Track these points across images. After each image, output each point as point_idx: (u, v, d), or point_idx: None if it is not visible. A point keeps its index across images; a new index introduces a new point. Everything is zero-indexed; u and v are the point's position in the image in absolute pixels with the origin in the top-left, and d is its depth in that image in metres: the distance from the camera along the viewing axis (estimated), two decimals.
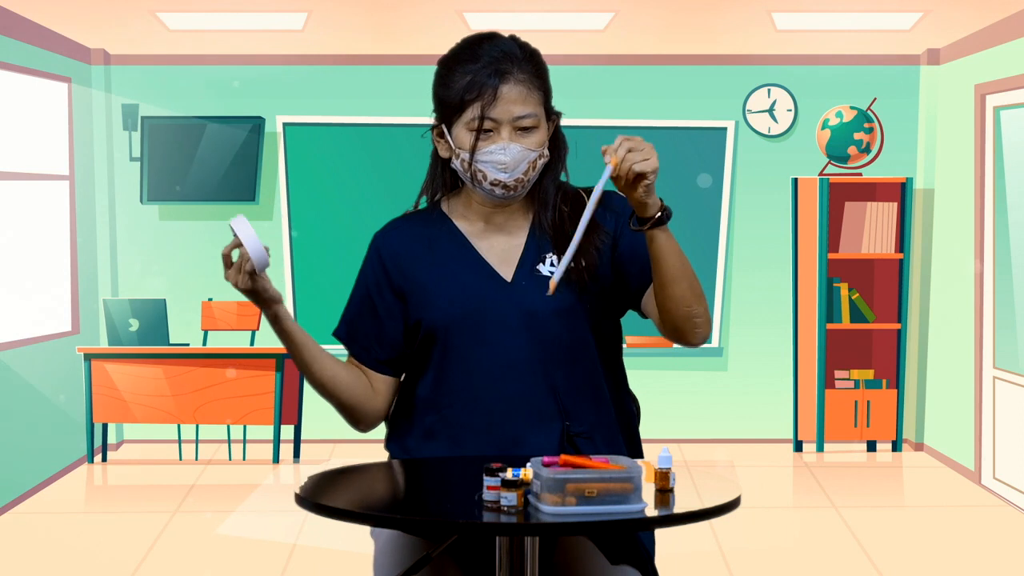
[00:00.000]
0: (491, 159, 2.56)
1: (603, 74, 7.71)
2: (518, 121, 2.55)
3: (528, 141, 2.57)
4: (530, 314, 2.61)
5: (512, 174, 2.57)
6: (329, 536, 5.60)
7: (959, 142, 7.21)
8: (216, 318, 7.38)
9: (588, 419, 2.66)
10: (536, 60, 2.61)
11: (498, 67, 2.54)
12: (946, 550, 5.63)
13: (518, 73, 2.55)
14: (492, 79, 2.53)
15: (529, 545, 2.35)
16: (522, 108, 2.55)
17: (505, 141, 2.55)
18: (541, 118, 2.59)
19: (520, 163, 2.56)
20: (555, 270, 2.62)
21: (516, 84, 2.55)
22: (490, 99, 2.53)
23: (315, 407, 7.62)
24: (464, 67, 2.56)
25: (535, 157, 2.58)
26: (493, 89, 2.53)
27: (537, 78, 2.59)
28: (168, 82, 7.71)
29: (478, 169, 2.57)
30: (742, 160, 7.81)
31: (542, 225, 2.66)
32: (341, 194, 7.68)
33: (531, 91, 2.57)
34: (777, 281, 7.82)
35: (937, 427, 7.61)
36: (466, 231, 2.68)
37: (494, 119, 2.54)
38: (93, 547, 5.72)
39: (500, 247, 2.68)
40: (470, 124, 2.55)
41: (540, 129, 2.59)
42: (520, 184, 2.59)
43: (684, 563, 5.22)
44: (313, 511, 2.28)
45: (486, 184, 2.58)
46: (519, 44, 2.61)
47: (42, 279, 7.12)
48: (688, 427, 7.85)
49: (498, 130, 2.55)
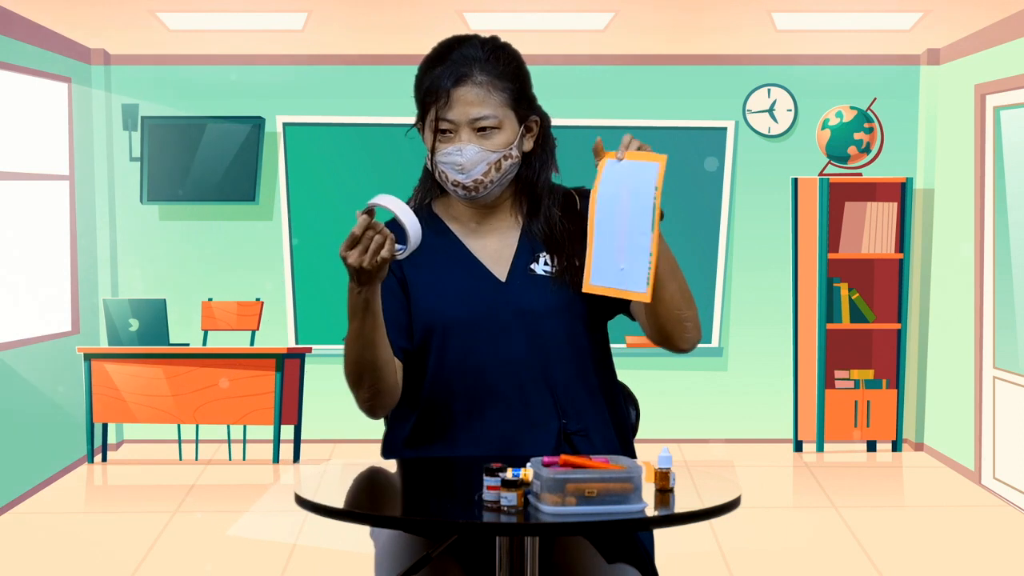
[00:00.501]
0: (448, 160, 2.59)
1: (603, 74, 7.71)
2: (476, 122, 2.58)
3: (488, 143, 2.59)
4: (526, 313, 2.63)
5: (469, 175, 2.59)
6: (329, 536, 5.60)
7: (959, 142, 7.21)
8: (216, 318, 7.38)
9: (584, 417, 2.67)
10: (504, 62, 2.61)
11: (457, 70, 2.58)
12: (946, 550, 5.63)
13: (478, 75, 2.58)
14: (447, 81, 2.58)
15: (529, 545, 2.35)
16: (479, 110, 2.57)
17: (463, 143, 2.58)
18: (505, 119, 2.60)
19: (477, 164, 2.58)
20: (548, 269, 2.63)
21: (474, 86, 2.57)
22: (444, 101, 2.58)
23: (315, 407, 7.62)
24: (430, 70, 2.62)
25: (496, 158, 2.60)
26: (447, 92, 2.57)
27: (501, 79, 2.60)
28: (168, 82, 7.71)
29: (440, 170, 2.61)
30: (742, 160, 7.81)
31: (533, 226, 2.67)
32: (341, 194, 7.68)
33: (492, 92, 2.58)
34: (777, 281, 7.82)
35: (937, 427, 7.61)
36: (458, 232, 2.70)
37: (451, 120, 2.58)
38: (93, 547, 5.72)
39: (492, 247, 2.69)
40: (431, 125, 2.61)
41: (504, 130, 2.60)
42: (480, 185, 2.60)
43: (684, 563, 5.21)
44: (313, 511, 2.28)
45: (448, 185, 2.62)
46: (488, 47, 2.62)
47: (42, 279, 7.12)
48: (688, 427, 7.85)
49: (457, 132, 2.59)
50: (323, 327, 7.74)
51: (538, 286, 2.64)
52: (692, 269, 7.69)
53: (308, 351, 7.38)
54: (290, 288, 7.76)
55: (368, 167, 7.66)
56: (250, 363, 7.14)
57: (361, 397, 2.60)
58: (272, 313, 7.68)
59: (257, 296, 7.65)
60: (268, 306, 7.61)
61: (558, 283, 2.64)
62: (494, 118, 2.58)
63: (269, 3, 6.40)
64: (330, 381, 7.75)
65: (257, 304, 7.37)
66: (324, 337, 7.72)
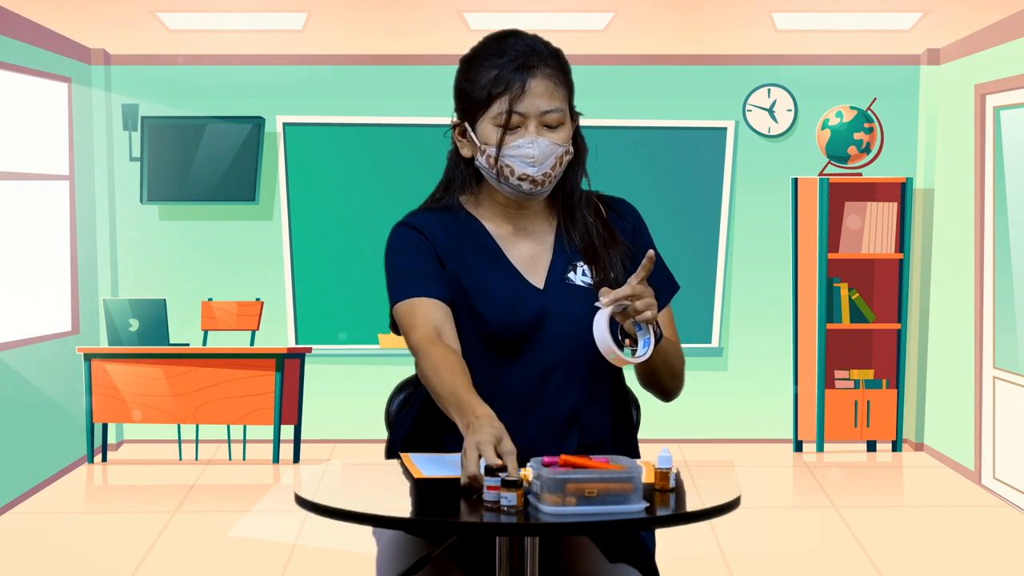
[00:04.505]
0: (519, 153, 2.53)
1: (603, 74, 7.71)
2: (545, 116, 2.54)
3: (555, 136, 2.55)
4: (561, 323, 2.59)
5: (540, 168, 2.54)
6: (329, 536, 5.60)
7: (959, 142, 7.21)
8: (216, 318, 7.38)
9: (600, 431, 2.65)
10: (560, 58, 2.59)
11: (525, 61, 2.53)
12: (946, 550, 5.63)
13: (544, 68, 2.54)
14: (519, 73, 2.52)
15: (529, 545, 2.35)
16: (549, 103, 2.54)
17: (533, 135, 2.53)
18: (566, 114, 2.57)
19: (548, 157, 2.54)
20: (587, 280, 2.62)
21: (543, 79, 2.53)
22: (518, 92, 2.52)
23: (315, 407, 7.62)
24: (490, 62, 2.54)
25: (562, 152, 2.57)
26: (521, 83, 2.52)
27: (562, 72, 2.57)
28: (168, 82, 7.71)
29: (505, 164, 2.55)
30: (742, 160, 7.81)
31: (569, 234, 2.64)
32: (341, 194, 7.68)
33: (557, 87, 2.55)
34: (777, 281, 7.82)
35: (937, 427, 7.61)
36: (495, 234, 2.65)
37: (521, 113, 2.53)
38: (93, 547, 5.72)
39: (527, 252, 2.64)
40: (496, 119, 2.54)
41: (566, 126, 2.57)
42: (548, 179, 2.56)
43: (684, 563, 5.21)
44: (313, 511, 2.28)
45: (513, 179, 2.55)
46: (543, 41, 2.60)
47: (42, 279, 7.12)
48: (688, 427, 7.85)
49: (525, 125, 2.53)
50: (323, 327, 7.74)
51: (577, 295, 2.60)
52: (692, 269, 7.69)
53: (308, 351, 7.38)
54: (290, 288, 7.75)
55: (368, 167, 7.66)
56: (250, 363, 7.14)
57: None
58: (272, 313, 7.68)
59: (257, 296, 7.65)
60: (268, 306, 7.61)
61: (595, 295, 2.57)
62: (561, 112, 2.55)
63: (269, 3, 6.40)
64: (330, 381, 7.76)
65: (257, 304, 7.37)
66: (324, 337, 7.72)
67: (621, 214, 2.71)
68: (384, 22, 6.79)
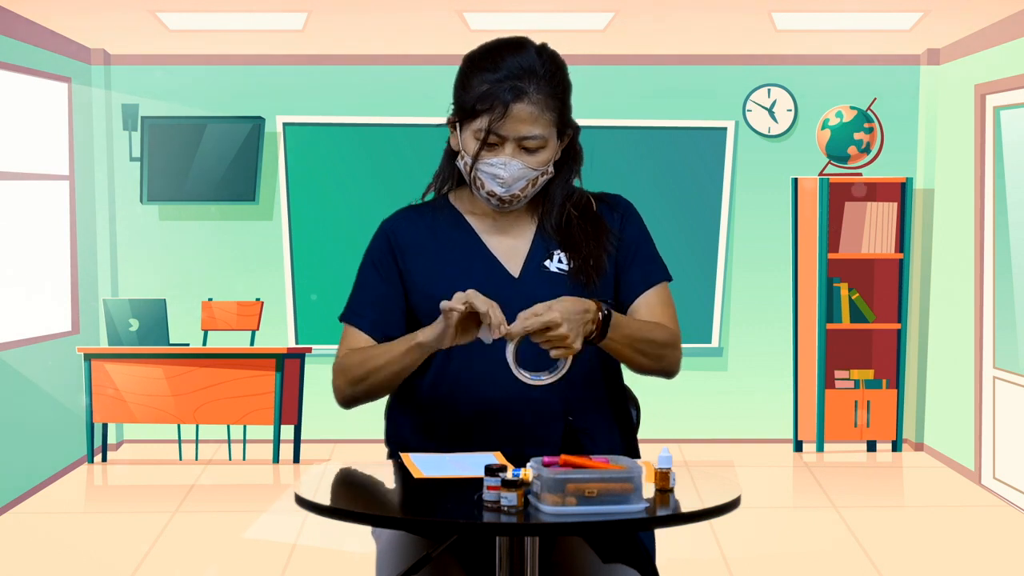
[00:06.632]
0: (490, 171, 2.58)
1: (603, 74, 7.71)
2: (524, 141, 2.56)
3: (531, 160, 2.58)
4: None
5: (508, 190, 2.60)
6: (329, 536, 5.60)
7: (959, 142, 7.21)
8: (216, 318, 7.38)
9: (588, 416, 2.67)
10: (557, 77, 2.59)
11: (515, 84, 2.54)
12: (946, 550, 5.63)
13: (535, 93, 2.55)
14: (506, 95, 2.54)
15: (529, 545, 2.35)
16: (530, 129, 2.56)
17: (507, 156, 2.57)
18: (550, 138, 2.59)
19: (518, 180, 2.59)
20: (563, 267, 2.63)
21: (529, 104, 2.55)
22: (500, 114, 2.54)
23: (315, 407, 7.62)
24: (483, 75, 2.56)
25: (536, 176, 2.60)
26: (504, 105, 2.54)
27: (553, 98, 2.58)
28: (168, 82, 7.71)
29: (477, 176, 2.60)
30: (742, 160, 7.81)
31: (548, 224, 2.68)
32: (341, 194, 7.68)
33: (543, 112, 2.56)
34: (777, 281, 7.82)
35: (937, 427, 7.61)
36: (475, 225, 2.71)
37: (500, 135, 2.56)
38: (93, 547, 5.72)
39: (508, 243, 2.70)
40: (476, 133, 2.57)
41: (547, 149, 2.60)
42: (515, 199, 2.62)
43: (684, 564, 5.21)
44: (313, 511, 2.28)
45: (483, 192, 2.62)
46: (544, 59, 2.59)
47: (42, 279, 7.12)
48: (688, 427, 7.85)
49: (503, 144, 2.57)
50: (323, 327, 7.74)
51: (552, 283, 2.64)
52: (692, 269, 7.69)
53: (308, 351, 7.38)
54: (290, 288, 7.75)
55: (368, 167, 7.66)
56: (250, 363, 7.14)
57: (348, 393, 2.69)
58: (272, 313, 7.68)
59: (257, 296, 7.65)
60: (268, 306, 7.61)
61: (572, 281, 2.64)
62: (542, 138, 2.57)
63: (269, 3, 6.40)
64: (330, 382, 7.75)
65: (257, 304, 7.37)
66: (324, 337, 7.71)
67: (612, 205, 2.75)
68: (384, 22, 6.79)
